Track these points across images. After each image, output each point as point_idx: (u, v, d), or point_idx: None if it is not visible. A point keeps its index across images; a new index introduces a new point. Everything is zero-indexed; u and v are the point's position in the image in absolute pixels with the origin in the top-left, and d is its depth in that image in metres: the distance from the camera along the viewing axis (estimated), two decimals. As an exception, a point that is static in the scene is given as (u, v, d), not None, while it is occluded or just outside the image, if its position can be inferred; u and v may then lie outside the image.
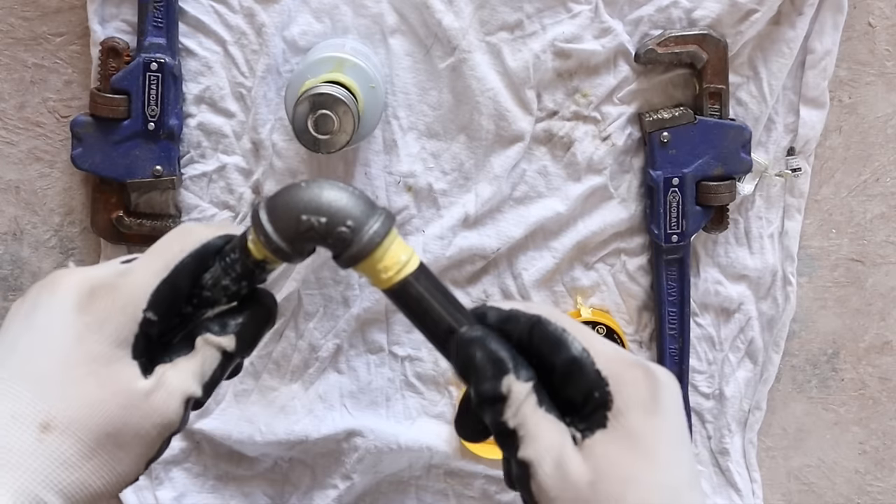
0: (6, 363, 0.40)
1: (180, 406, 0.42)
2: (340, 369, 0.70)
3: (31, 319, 0.41)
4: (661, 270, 0.68)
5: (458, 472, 0.71)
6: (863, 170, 0.70)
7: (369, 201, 0.42)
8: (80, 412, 0.39)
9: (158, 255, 0.43)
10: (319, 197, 0.41)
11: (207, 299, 0.43)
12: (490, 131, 0.65)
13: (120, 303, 0.41)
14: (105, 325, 0.40)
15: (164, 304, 0.42)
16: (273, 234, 0.41)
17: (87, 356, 0.40)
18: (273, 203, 0.42)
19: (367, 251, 0.41)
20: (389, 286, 0.42)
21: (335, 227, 0.41)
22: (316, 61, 0.58)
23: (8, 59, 0.65)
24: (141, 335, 0.41)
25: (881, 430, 0.74)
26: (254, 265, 0.42)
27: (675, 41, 0.64)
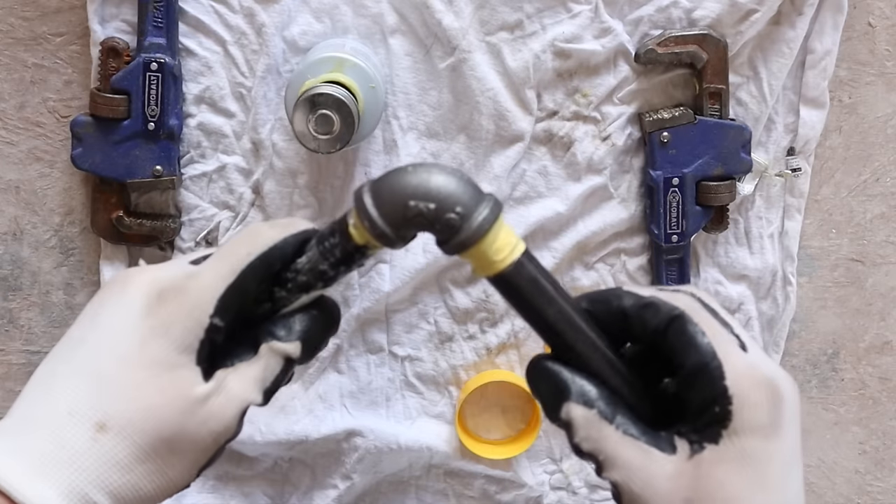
0: (67, 355, 0.40)
1: (238, 413, 0.41)
2: (340, 369, 0.70)
3: (99, 318, 0.41)
4: (661, 270, 0.68)
5: (458, 472, 0.71)
6: (863, 170, 0.70)
7: (477, 187, 0.41)
8: (137, 415, 0.39)
9: (226, 259, 0.42)
10: (428, 182, 0.40)
11: (303, 284, 0.42)
12: (490, 131, 0.65)
13: (187, 308, 0.40)
14: (171, 329, 0.40)
15: (230, 309, 0.41)
16: (378, 220, 0.40)
17: (150, 360, 0.39)
18: (378, 187, 0.40)
19: (475, 238, 0.40)
20: (494, 273, 0.41)
21: (444, 214, 0.40)
22: (316, 61, 0.58)
23: (8, 59, 0.65)
24: (206, 341, 0.40)
25: (881, 430, 0.74)
26: (354, 250, 0.41)
27: (675, 41, 0.64)
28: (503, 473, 0.71)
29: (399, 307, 0.69)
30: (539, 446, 0.71)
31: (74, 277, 0.68)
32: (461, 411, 0.70)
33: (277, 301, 0.42)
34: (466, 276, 0.68)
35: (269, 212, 0.66)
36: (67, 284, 0.68)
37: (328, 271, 0.42)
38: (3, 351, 0.69)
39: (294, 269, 0.42)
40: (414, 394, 0.70)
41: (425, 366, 0.70)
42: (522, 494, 0.71)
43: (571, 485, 0.72)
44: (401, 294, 0.68)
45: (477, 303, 0.69)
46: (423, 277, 0.68)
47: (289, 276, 0.42)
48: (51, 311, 0.69)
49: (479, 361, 0.70)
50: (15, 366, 0.69)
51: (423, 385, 0.70)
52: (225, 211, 0.67)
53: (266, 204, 0.66)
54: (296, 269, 0.42)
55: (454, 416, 0.70)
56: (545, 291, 0.41)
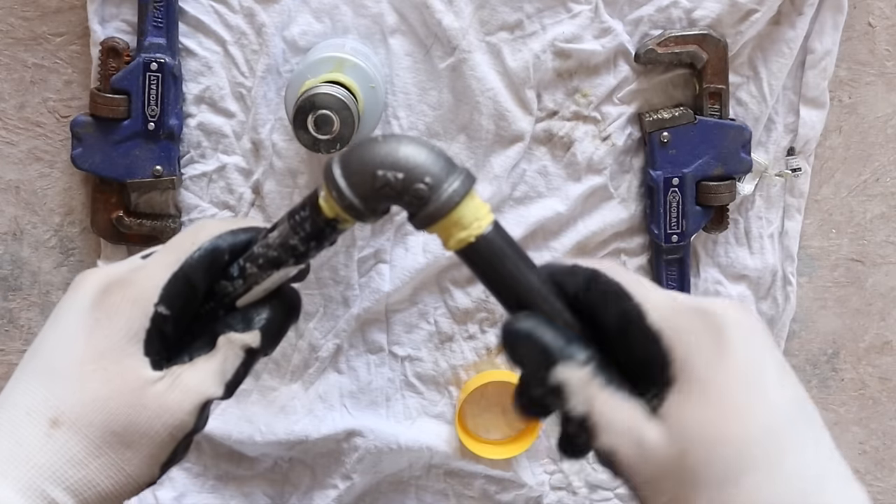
0: (30, 361, 0.41)
1: (195, 407, 0.41)
2: (340, 369, 0.70)
3: (54, 318, 0.42)
4: (661, 270, 0.68)
5: (458, 472, 0.71)
6: (863, 170, 0.70)
7: (448, 159, 0.40)
8: (86, 408, 0.39)
9: (171, 250, 0.42)
10: (396, 151, 0.39)
11: (273, 259, 0.42)
12: (490, 131, 0.65)
13: (130, 297, 0.40)
14: (114, 319, 0.40)
15: (176, 298, 0.41)
16: (346, 190, 0.39)
17: (96, 352, 0.40)
18: (347, 157, 0.39)
19: (444, 210, 0.39)
20: (460, 247, 0.40)
21: (412, 184, 0.39)
22: (316, 61, 0.58)
23: (8, 59, 0.65)
24: (154, 330, 0.40)
25: (881, 430, 0.74)
26: (324, 223, 0.41)
27: (675, 41, 0.64)
28: (503, 473, 0.71)
29: (399, 307, 0.69)
30: (539, 446, 0.71)
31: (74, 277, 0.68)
32: (461, 411, 0.70)
33: (248, 278, 0.42)
34: (466, 276, 0.68)
35: (270, 212, 0.66)
36: (67, 284, 0.68)
37: (298, 246, 0.41)
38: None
39: (265, 245, 0.42)
40: (414, 394, 0.70)
41: (425, 366, 0.70)
42: (522, 494, 0.71)
43: (571, 485, 0.72)
44: (401, 294, 0.68)
45: (477, 303, 0.69)
46: (423, 277, 0.68)
47: (259, 251, 0.42)
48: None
49: (479, 361, 0.70)
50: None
51: (423, 385, 0.70)
52: (225, 211, 0.67)
53: (266, 204, 0.66)
54: (266, 244, 0.42)
55: (454, 416, 0.70)
56: (503, 274, 0.40)
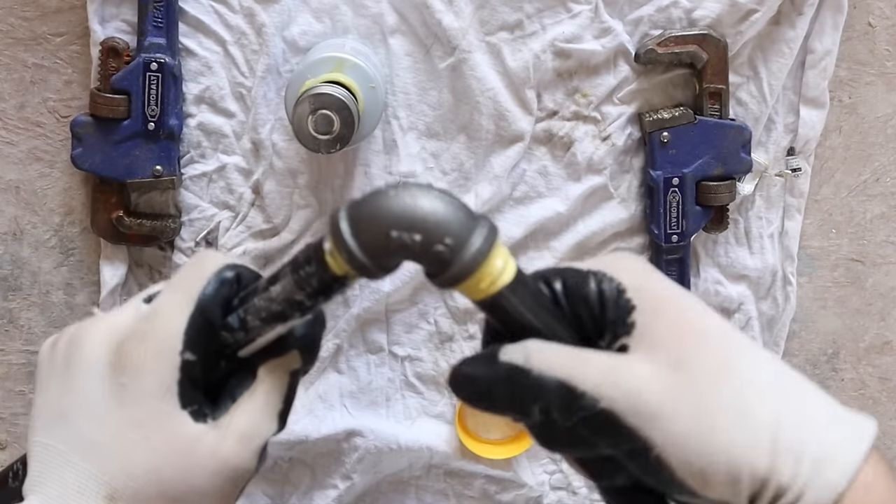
0: (55, 430, 0.38)
1: (255, 452, 0.38)
2: (340, 369, 0.70)
3: (69, 381, 0.38)
4: (661, 270, 0.68)
5: (458, 472, 0.71)
6: (863, 170, 0.70)
7: (468, 211, 0.36)
8: (139, 481, 0.37)
9: (181, 289, 0.39)
10: (413, 209, 0.35)
11: (278, 314, 0.38)
12: (490, 131, 0.65)
13: (152, 351, 0.37)
14: (142, 380, 0.37)
15: (200, 340, 0.38)
16: (356, 251, 0.35)
17: (133, 420, 0.37)
18: (356, 213, 0.35)
19: (468, 272, 0.35)
20: (481, 299, 0.37)
21: (432, 246, 0.35)
22: (316, 61, 0.58)
23: (8, 59, 0.65)
24: (185, 380, 0.37)
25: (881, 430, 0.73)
26: (332, 280, 0.37)
27: (675, 41, 0.64)
28: (503, 473, 0.71)
29: (399, 307, 0.69)
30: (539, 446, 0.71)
31: (74, 277, 0.68)
32: (461, 411, 0.70)
33: (251, 331, 0.39)
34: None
35: (269, 212, 0.66)
36: (67, 284, 0.68)
37: (305, 301, 0.38)
38: (3, 351, 0.69)
39: (267, 298, 0.38)
40: (414, 394, 0.70)
41: (425, 366, 0.70)
42: (522, 494, 0.71)
43: (571, 485, 0.72)
44: (401, 294, 0.68)
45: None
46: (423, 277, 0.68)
47: (261, 304, 0.38)
48: (51, 311, 0.69)
49: (479, 361, 0.70)
50: (15, 366, 0.69)
51: (423, 385, 0.70)
52: (225, 211, 0.67)
53: (266, 204, 0.66)
54: (269, 298, 0.38)
55: (454, 416, 0.70)
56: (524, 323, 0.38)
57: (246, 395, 0.39)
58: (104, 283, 0.67)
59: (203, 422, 0.38)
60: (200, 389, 0.39)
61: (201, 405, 0.38)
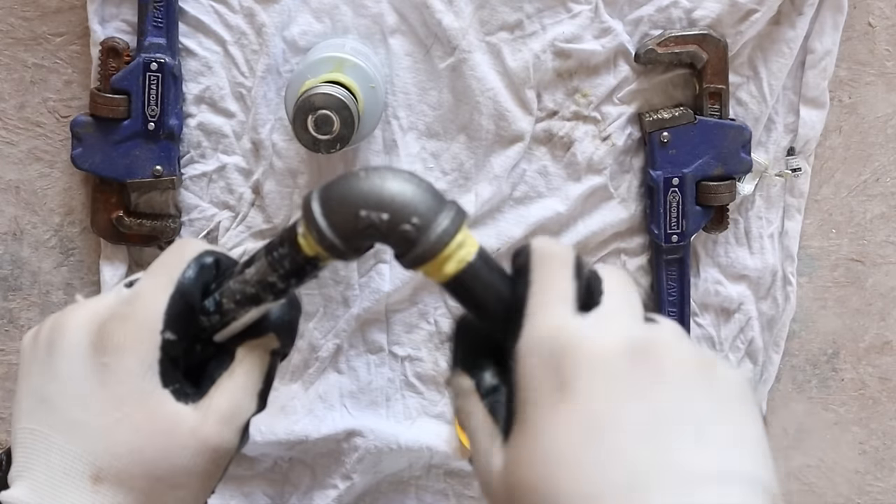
0: (39, 414, 0.38)
1: (236, 431, 0.39)
2: (340, 369, 0.70)
3: (52, 366, 0.39)
4: (661, 270, 0.68)
5: (458, 472, 0.71)
6: (863, 170, 0.70)
7: (437, 194, 0.37)
8: (123, 460, 0.37)
9: (160, 271, 0.40)
10: (381, 189, 0.36)
11: (252, 296, 0.39)
12: (490, 131, 0.65)
13: (133, 330, 0.38)
14: (123, 358, 0.38)
15: (180, 320, 0.39)
16: (327, 230, 0.37)
17: (115, 399, 0.38)
18: (327, 195, 0.37)
19: (434, 251, 0.36)
20: (444, 280, 0.38)
21: (399, 225, 0.36)
22: (316, 61, 0.58)
23: (8, 59, 0.65)
24: (166, 359, 0.38)
25: (881, 430, 0.74)
26: (304, 261, 0.38)
27: (675, 41, 0.64)
28: (503, 473, 0.71)
29: (399, 307, 0.69)
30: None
31: (74, 277, 0.68)
32: (461, 411, 0.70)
33: (226, 314, 0.40)
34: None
35: (269, 212, 0.66)
36: (67, 284, 0.68)
37: (278, 283, 0.39)
38: (3, 351, 0.69)
39: (242, 280, 0.39)
40: (414, 394, 0.70)
41: (425, 366, 0.70)
42: (522, 494, 0.71)
43: (571, 485, 0.72)
44: (401, 294, 0.68)
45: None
46: (423, 277, 0.68)
47: (236, 287, 0.39)
48: (51, 311, 0.68)
49: (479, 361, 0.70)
50: (15, 366, 0.69)
51: (423, 385, 0.70)
52: (225, 211, 0.67)
53: (266, 204, 0.66)
54: (244, 280, 0.39)
55: (454, 416, 0.70)
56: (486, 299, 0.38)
57: (225, 375, 0.40)
58: (104, 283, 0.67)
59: (184, 402, 0.38)
60: (181, 371, 0.39)
61: (182, 385, 0.39)
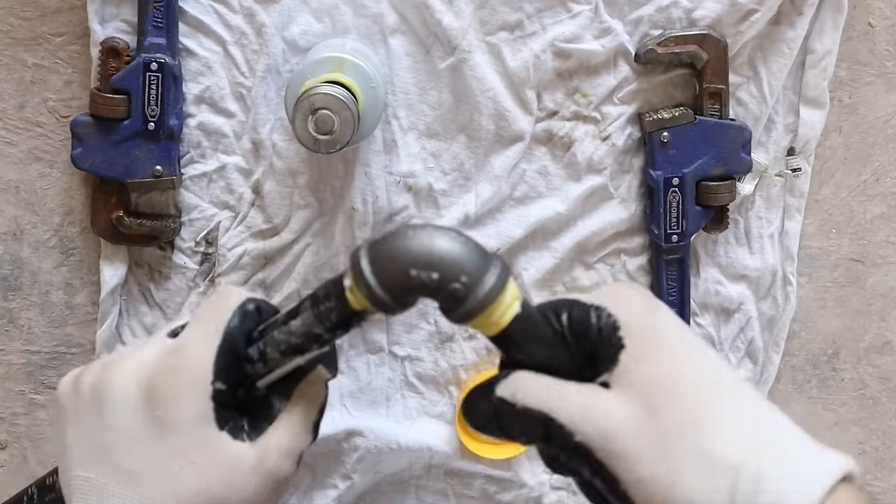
0: (94, 464, 0.39)
1: (294, 463, 0.42)
2: (340, 369, 0.69)
3: (103, 417, 0.40)
4: (661, 270, 0.68)
5: (458, 472, 0.71)
6: (863, 170, 0.70)
7: (483, 250, 0.38)
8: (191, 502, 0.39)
9: (206, 321, 0.41)
10: (430, 248, 0.37)
11: (297, 346, 0.40)
12: (490, 131, 0.65)
13: (185, 383, 0.39)
14: (178, 410, 0.39)
15: (228, 369, 0.40)
16: (377, 288, 0.38)
17: (175, 450, 0.39)
18: (376, 253, 0.38)
19: (482, 308, 0.38)
20: (493, 334, 0.39)
21: (448, 284, 0.37)
22: (316, 61, 0.58)
23: (8, 59, 0.65)
24: (218, 407, 0.40)
25: (881, 430, 0.74)
26: (351, 315, 0.39)
27: (675, 41, 0.64)
28: (503, 473, 0.71)
29: (399, 307, 0.69)
30: (539, 446, 0.71)
31: (74, 277, 0.68)
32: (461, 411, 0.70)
33: (270, 362, 0.41)
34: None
35: (269, 212, 0.66)
36: (67, 284, 0.68)
37: (324, 335, 0.40)
38: (3, 351, 0.69)
39: (287, 331, 0.40)
40: (414, 394, 0.70)
41: (425, 366, 0.70)
42: (522, 494, 0.71)
43: (571, 485, 0.72)
44: (401, 294, 0.68)
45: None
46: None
47: (281, 337, 0.40)
48: (51, 311, 0.69)
49: (479, 361, 0.70)
50: (15, 366, 0.69)
51: (423, 385, 0.70)
52: (225, 211, 0.67)
53: (266, 204, 0.66)
54: (289, 331, 0.40)
55: (454, 416, 0.70)
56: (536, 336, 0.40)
57: (284, 413, 0.42)
58: (104, 283, 0.67)
59: (242, 440, 0.40)
60: (232, 413, 0.41)
61: (236, 422, 0.41)
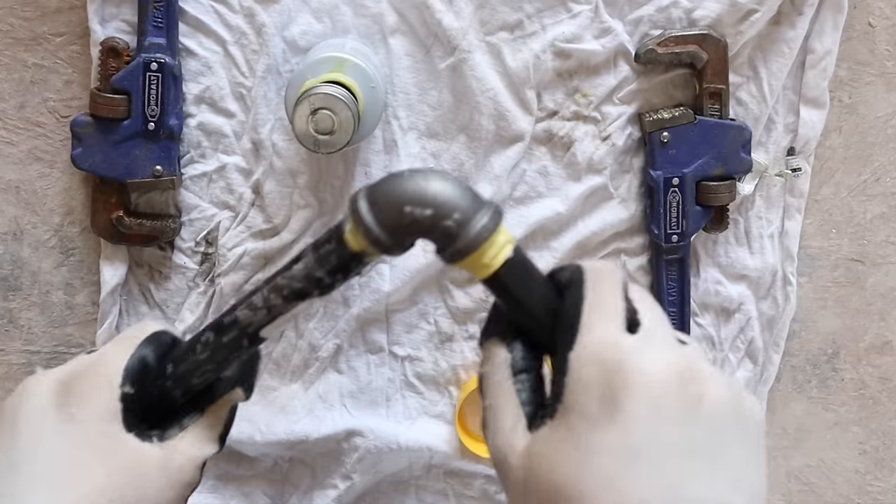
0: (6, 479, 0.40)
1: (198, 467, 0.44)
2: (340, 369, 0.70)
3: (16, 431, 0.41)
4: (661, 270, 0.68)
5: (458, 472, 0.71)
6: (863, 170, 0.70)
7: (476, 194, 0.40)
8: (97, 494, 0.40)
9: (124, 338, 0.44)
10: (425, 188, 0.39)
11: (299, 290, 0.41)
12: (490, 131, 0.65)
13: (96, 383, 0.41)
14: (89, 406, 0.41)
15: (138, 377, 0.42)
16: (374, 226, 0.39)
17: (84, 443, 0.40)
18: (374, 192, 0.40)
19: (474, 246, 0.39)
20: (485, 276, 0.40)
21: (441, 220, 0.39)
22: (316, 61, 0.58)
23: (8, 59, 0.65)
24: (127, 409, 0.42)
25: (881, 430, 0.74)
26: (350, 257, 0.41)
27: (675, 41, 0.64)
28: (503, 473, 0.71)
29: (399, 307, 0.69)
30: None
31: (74, 277, 0.68)
32: (461, 411, 0.70)
33: (273, 309, 0.42)
34: (466, 277, 0.68)
35: (269, 212, 0.66)
36: (67, 284, 0.68)
37: (324, 278, 0.41)
38: (3, 351, 0.69)
39: (289, 276, 0.41)
40: (414, 394, 0.70)
41: (425, 366, 0.70)
42: (522, 494, 0.71)
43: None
44: (401, 294, 0.68)
45: (477, 303, 0.69)
46: (422, 277, 0.68)
47: (283, 282, 0.41)
48: (51, 311, 0.69)
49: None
50: (15, 366, 0.69)
51: (423, 385, 0.70)
52: (225, 211, 0.67)
53: (266, 204, 0.66)
54: (291, 276, 0.41)
55: (454, 416, 0.70)
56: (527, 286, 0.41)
57: (193, 425, 0.44)
58: (104, 283, 0.67)
59: (150, 441, 0.42)
60: (138, 420, 0.42)
61: (145, 429, 0.42)
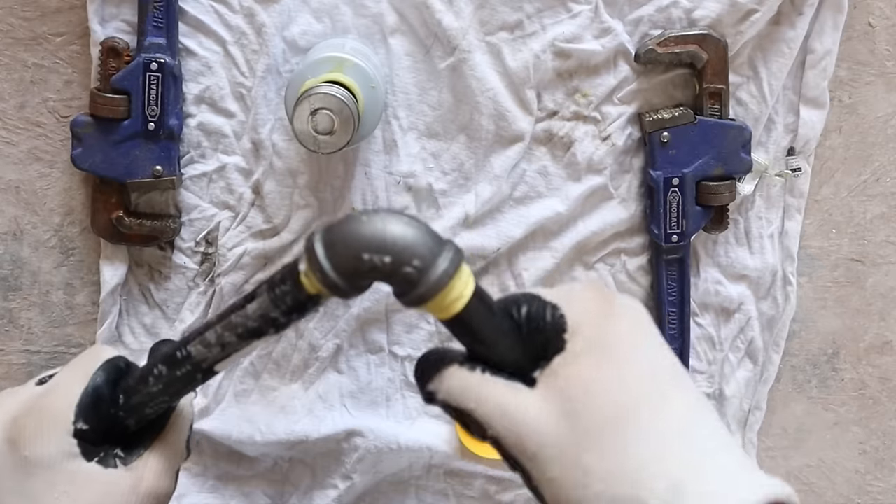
0: None
1: (173, 478, 0.44)
2: (340, 369, 0.70)
3: None
4: (661, 270, 0.68)
5: (458, 472, 0.71)
6: (863, 170, 0.70)
7: (436, 236, 0.39)
8: None
9: (76, 367, 0.43)
10: (383, 233, 0.38)
11: (254, 330, 0.41)
12: (490, 131, 0.65)
13: (47, 423, 0.41)
14: (43, 450, 0.40)
15: (91, 410, 0.41)
16: (330, 272, 0.38)
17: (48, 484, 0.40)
18: (330, 237, 0.38)
19: (434, 292, 0.38)
20: (445, 318, 0.40)
21: (401, 268, 0.38)
22: (316, 61, 0.58)
23: (8, 59, 0.65)
24: (82, 443, 0.41)
25: (881, 430, 0.74)
26: (306, 299, 0.40)
27: (675, 41, 0.64)
28: (503, 473, 0.71)
29: (399, 307, 0.69)
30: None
31: (74, 277, 0.68)
32: (461, 411, 0.70)
33: (227, 346, 0.42)
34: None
35: (269, 212, 0.66)
36: (67, 284, 0.68)
37: (279, 318, 0.41)
38: (3, 351, 0.69)
39: (244, 315, 0.41)
40: (414, 394, 0.70)
41: (425, 366, 0.70)
42: (522, 494, 0.71)
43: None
44: (401, 294, 0.68)
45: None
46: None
47: (237, 321, 0.41)
48: (51, 311, 0.69)
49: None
50: (15, 366, 0.69)
51: (423, 385, 0.70)
52: (225, 211, 0.67)
53: (266, 204, 0.66)
54: (245, 315, 0.41)
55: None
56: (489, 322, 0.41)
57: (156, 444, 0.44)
58: (104, 283, 0.67)
59: (114, 466, 0.42)
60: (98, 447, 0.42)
61: (107, 454, 0.42)
